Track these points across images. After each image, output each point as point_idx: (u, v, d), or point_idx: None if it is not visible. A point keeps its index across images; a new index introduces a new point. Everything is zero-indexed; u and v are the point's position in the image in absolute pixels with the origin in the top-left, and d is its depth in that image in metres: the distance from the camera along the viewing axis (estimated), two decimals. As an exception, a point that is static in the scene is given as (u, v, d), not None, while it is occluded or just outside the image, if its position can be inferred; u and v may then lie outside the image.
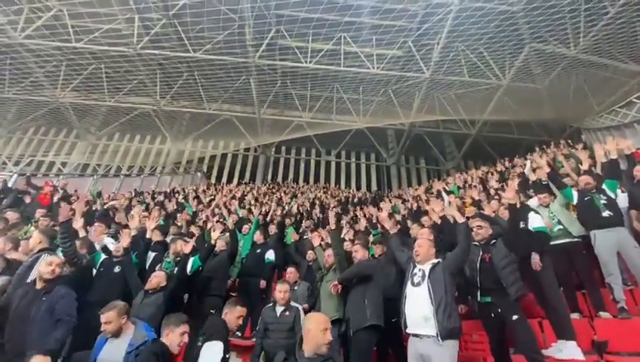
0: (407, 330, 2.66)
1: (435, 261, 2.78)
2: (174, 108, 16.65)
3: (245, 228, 5.97)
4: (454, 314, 2.54)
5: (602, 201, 3.63)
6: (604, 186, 3.85)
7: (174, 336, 2.53)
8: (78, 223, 3.90)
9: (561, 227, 3.82)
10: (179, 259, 4.10)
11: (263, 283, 4.73)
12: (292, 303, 3.51)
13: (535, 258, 3.33)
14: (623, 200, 3.94)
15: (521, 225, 3.60)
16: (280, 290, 3.47)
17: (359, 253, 3.65)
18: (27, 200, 6.85)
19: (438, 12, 11.26)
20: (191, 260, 3.98)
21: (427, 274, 2.69)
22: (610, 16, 10.04)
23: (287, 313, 3.36)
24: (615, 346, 2.91)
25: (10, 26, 11.47)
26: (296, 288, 4.19)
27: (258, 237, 5.34)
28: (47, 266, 2.87)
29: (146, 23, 12.45)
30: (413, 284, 2.75)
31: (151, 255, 4.50)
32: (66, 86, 14.78)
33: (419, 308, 2.60)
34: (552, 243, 3.66)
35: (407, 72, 13.77)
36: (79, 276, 3.51)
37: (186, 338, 2.59)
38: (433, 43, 12.53)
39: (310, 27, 12.34)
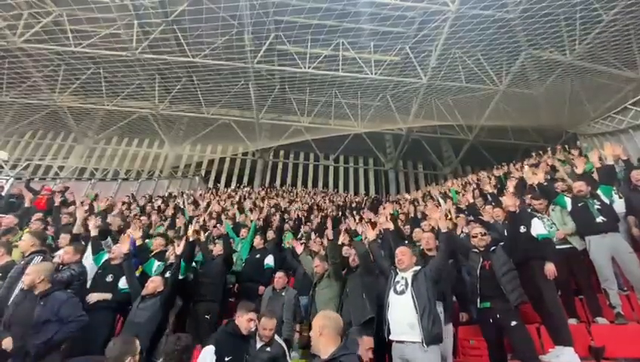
0: (391, 337, 2.73)
1: (417, 268, 2.86)
2: (173, 112, 16.64)
3: (243, 231, 5.96)
4: (437, 320, 2.62)
5: (596, 207, 3.64)
6: (598, 191, 3.87)
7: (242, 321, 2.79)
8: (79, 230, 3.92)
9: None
10: (171, 263, 4.10)
11: (262, 289, 4.71)
12: (277, 339, 3.04)
13: (549, 266, 3.23)
14: (619, 205, 3.96)
15: (522, 229, 3.56)
16: (265, 327, 2.92)
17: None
18: (25, 204, 6.79)
19: (435, 19, 11.38)
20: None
21: (410, 282, 2.75)
22: (605, 23, 10.18)
23: (268, 349, 2.91)
24: (612, 352, 2.92)
25: (10, 31, 11.48)
26: (283, 294, 4.16)
27: (258, 242, 5.32)
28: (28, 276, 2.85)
29: (145, 27, 12.50)
30: (396, 292, 2.82)
31: (155, 263, 4.47)
32: (64, 90, 14.77)
33: (404, 316, 2.67)
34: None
35: (405, 78, 13.88)
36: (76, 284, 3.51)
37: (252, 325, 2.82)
38: (430, 49, 12.65)
39: (309, 33, 12.44)
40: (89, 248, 4.19)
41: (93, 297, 3.57)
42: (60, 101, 15.13)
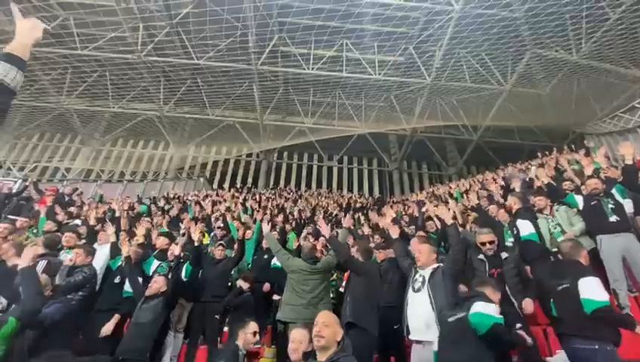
0: (410, 337, 2.65)
1: (435, 266, 2.77)
2: (177, 114, 16.75)
3: (248, 233, 5.97)
4: None
5: (610, 206, 3.56)
6: (613, 191, 3.79)
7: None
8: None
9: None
10: (173, 263, 4.15)
11: (266, 287, 4.76)
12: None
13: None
14: (627, 205, 3.89)
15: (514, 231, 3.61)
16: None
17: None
18: (30, 206, 6.89)
19: (439, 19, 11.32)
20: (185, 266, 4.05)
21: (427, 279, 2.68)
22: (611, 21, 10.05)
23: None
24: (620, 354, 2.86)
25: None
26: None
27: (266, 243, 5.33)
28: None
29: (150, 30, 12.60)
30: (414, 290, 2.75)
31: (155, 262, 4.50)
32: (70, 93, 14.94)
33: (420, 314, 2.58)
34: (555, 250, 3.61)
35: (409, 78, 13.82)
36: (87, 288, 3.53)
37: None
38: (434, 49, 12.58)
39: (312, 34, 12.45)
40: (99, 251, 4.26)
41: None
42: (67, 104, 15.31)
